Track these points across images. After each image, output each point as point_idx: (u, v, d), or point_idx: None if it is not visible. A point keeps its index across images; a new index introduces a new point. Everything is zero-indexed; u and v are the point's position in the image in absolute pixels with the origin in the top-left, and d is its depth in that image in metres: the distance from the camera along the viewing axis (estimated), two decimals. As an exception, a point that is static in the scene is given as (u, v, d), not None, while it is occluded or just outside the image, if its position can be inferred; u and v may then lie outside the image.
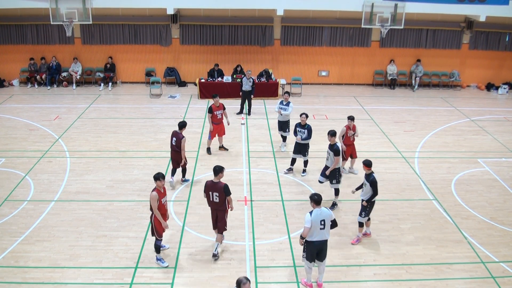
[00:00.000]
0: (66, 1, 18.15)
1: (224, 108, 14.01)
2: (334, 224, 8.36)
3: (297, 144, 12.82)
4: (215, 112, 13.66)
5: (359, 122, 16.95)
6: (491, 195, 12.19)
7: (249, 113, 17.81)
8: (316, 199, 8.18)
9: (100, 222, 10.50)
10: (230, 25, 20.86)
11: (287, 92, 14.63)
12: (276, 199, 11.54)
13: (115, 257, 9.30)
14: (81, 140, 14.94)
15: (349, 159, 13.08)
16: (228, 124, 14.43)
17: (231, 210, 9.31)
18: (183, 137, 11.65)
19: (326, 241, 8.32)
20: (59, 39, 20.74)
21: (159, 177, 8.71)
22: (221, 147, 14.32)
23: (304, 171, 13.02)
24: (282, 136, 14.56)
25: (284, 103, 14.15)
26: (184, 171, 12.25)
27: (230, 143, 14.72)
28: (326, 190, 12.08)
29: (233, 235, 10.08)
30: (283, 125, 14.36)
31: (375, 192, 9.50)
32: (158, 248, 9.10)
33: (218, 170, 8.97)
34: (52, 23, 18.51)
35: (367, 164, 9.60)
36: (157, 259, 9.15)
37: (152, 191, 8.71)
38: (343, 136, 12.64)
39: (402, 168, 13.57)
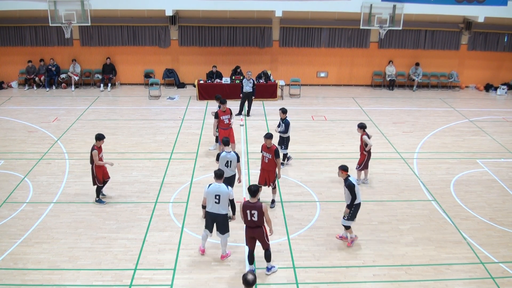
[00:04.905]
0: (65, 3, 18.18)
1: (231, 113, 13.75)
2: (232, 204, 8.90)
3: (279, 137, 13.27)
4: (221, 117, 13.56)
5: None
6: (490, 195, 12.19)
7: (248, 114, 17.81)
8: (216, 173, 8.85)
9: (99, 224, 10.49)
10: (229, 27, 20.88)
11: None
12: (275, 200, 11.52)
13: (114, 259, 9.29)
14: (80, 142, 14.92)
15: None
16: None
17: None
18: (94, 149, 10.90)
19: (221, 215, 8.86)
20: (57, 41, 20.74)
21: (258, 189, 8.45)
22: None
23: (281, 164, 13.01)
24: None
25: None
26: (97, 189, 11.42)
27: (229, 144, 14.72)
28: (325, 191, 12.12)
29: (232, 237, 10.05)
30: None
31: (353, 196, 9.35)
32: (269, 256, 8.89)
33: (270, 136, 10.73)
34: (50, 25, 18.53)
35: (344, 168, 9.47)
36: (269, 269, 8.90)
37: (262, 203, 8.44)
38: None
39: (401, 169, 13.57)
